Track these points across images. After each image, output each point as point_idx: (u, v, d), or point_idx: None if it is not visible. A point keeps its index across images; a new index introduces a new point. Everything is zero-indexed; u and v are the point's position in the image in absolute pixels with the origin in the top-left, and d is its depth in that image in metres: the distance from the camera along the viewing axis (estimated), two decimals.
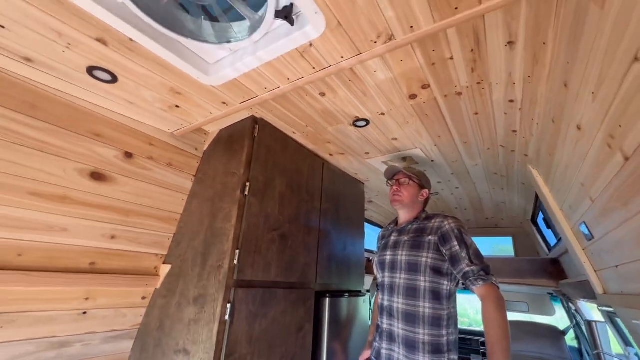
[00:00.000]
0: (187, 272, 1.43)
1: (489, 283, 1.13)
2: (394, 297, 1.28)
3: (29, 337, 1.15)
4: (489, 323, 1.08)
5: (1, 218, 1.06)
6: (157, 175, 1.49)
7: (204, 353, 1.19)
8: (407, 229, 1.40)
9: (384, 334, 1.30)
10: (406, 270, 1.27)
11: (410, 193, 1.44)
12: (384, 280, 1.36)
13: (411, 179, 1.46)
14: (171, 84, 1.13)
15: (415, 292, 1.23)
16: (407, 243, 1.32)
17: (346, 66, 0.99)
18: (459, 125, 1.57)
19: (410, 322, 1.21)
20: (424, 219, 1.40)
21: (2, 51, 0.96)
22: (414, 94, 1.32)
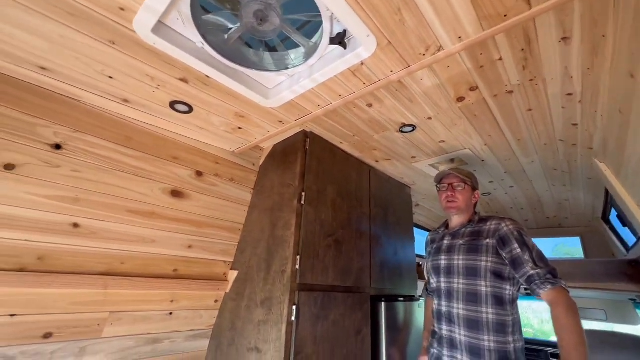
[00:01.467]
0: (253, 277, 1.56)
1: (558, 287, 1.08)
2: (452, 303, 1.26)
3: (130, 333, 1.36)
4: (562, 329, 1.02)
5: (108, 232, 1.28)
6: (222, 190, 1.66)
7: (275, 351, 1.30)
8: (462, 232, 1.36)
9: (444, 340, 1.27)
10: (464, 275, 1.25)
11: (465, 197, 1.40)
12: (439, 286, 1.34)
13: (465, 182, 1.42)
14: (236, 109, 1.28)
15: (476, 297, 1.20)
16: (463, 247, 1.29)
17: (395, 79, 1.05)
18: (511, 123, 1.53)
19: (474, 329, 1.18)
20: (478, 221, 1.36)
21: (108, 96, 1.18)
22: (462, 97, 1.33)
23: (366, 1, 0.77)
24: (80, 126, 1.19)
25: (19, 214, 1.08)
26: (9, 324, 1.07)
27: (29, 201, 1.09)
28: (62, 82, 1.09)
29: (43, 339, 1.14)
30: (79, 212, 1.20)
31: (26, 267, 1.09)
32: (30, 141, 1.09)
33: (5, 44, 0.92)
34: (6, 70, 1.02)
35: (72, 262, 1.20)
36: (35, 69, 1.02)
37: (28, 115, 1.08)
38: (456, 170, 1.45)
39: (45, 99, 1.11)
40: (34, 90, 1.09)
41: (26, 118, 1.08)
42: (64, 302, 1.18)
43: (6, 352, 1.07)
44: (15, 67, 1.01)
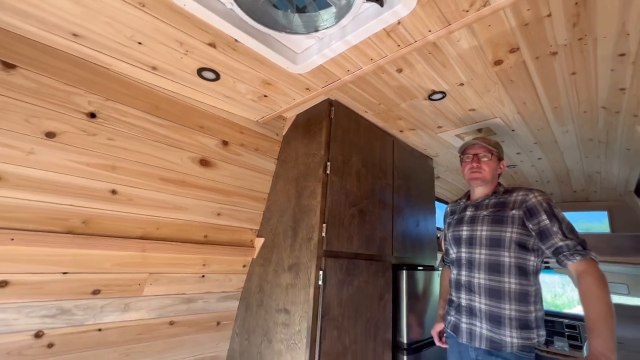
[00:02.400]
0: (280, 243, 1.61)
1: (589, 258, 1.06)
2: (474, 273, 1.27)
3: (168, 293, 1.45)
4: (591, 299, 1.01)
5: (143, 199, 1.33)
6: (248, 160, 1.68)
7: (303, 312, 1.37)
8: (485, 203, 1.35)
9: (462, 308, 1.29)
10: (487, 246, 1.25)
11: (491, 168, 1.35)
12: (460, 256, 1.34)
13: (491, 152, 1.37)
14: (263, 76, 1.26)
15: (499, 267, 1.21)
16: (487, 218, 1.28)
17: (432, 39, 0.99)
18: (550, 89, 1.44)
19: (495, 298, 1.19)
20: (503, 192, 1.33)
21: (137, 63, 1.17)
22: (500, 60, 1.25)
23: None
24: (112, 95, 1.21)
25: (63, 180, 1.13)
26: (62, 280, 1.17)
27: (71, 168, 1.14)
28: (93, 49, 1.09)
29: (92, 295, 1.24)
30: (116, 179, 1.25)
31: (73, 229, 1.17)
32: (67, 109, 1.12)
33: (38, 9, 0.92)
34: (39, 37, 1.02)
35: (113, 226, 1.27)
36: (67, 36, 1.02)
37: (63, 83, 1.10)
38: (482, 140, 1.40)
39: (77, 67, 1.12)
40: (67, 57, 1.10)
41: (61, 86, 1.10)
42: (108, 263, 1.26)
43: (62, 305, 1.18)
44: (48, 34, 1.01)
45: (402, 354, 1.70)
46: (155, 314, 1.43)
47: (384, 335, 1.67)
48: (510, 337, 1.13)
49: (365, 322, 1.56)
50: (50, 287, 1.14)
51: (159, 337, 1.45)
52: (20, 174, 1.04)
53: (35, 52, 1.03)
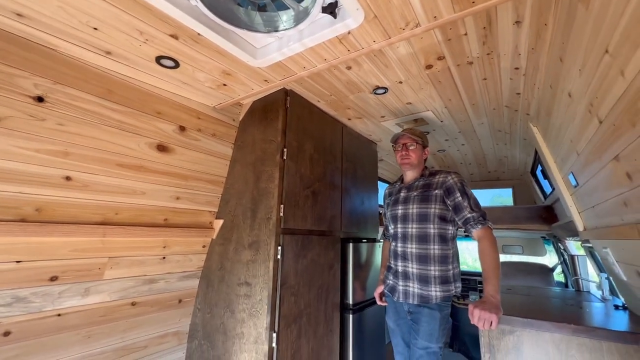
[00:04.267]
0: (239, 224, 1.73)
1: (486, 226, 1.37)
2: (407, 244, 1.51)
3: (129, 275, 1.49)
4: (485, 256, 1.31)
5: (100, 185, 1.33)
6: (205, 145, 1.73)
7: (264, 283, 1.54)
8: (415, 185, 1.58)
9: (399, 274, 1.53)
10: (417, 221, 1.49)
11: (417, 155, 1.59)
12: (397, 231, 1.58)
13: (417, 142, 1.59)
14: (223, 67, 1.32)
15: (426, 238, 1.46)
16: (417, 197, 1.53)
17: (376, 48, 1.17)
18: (468, 90, 1.75)
19: (423, 263, 1.45)
20: (428, 175, 1.58)
21: (88, 47, 1.14)
22: (430, 65, 1.49)
23: None
24: (60, 78, 1.16)
25: (11, 167, 1.09)
26: (16, 269, 1.15)
27: (19, 154, 1.10)
28: (39, 30, 1.04)
29: (49, 281, 1.24)
30: (70, 165, 1.23)
31: (26, 217, 1.14)
32: (11, 93, 1.06)
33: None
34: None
35: (69, 212, 1.25)
36: (10, 15, 0.96)
37: (5, 65, 1.03)
38: (409, 131, 1.61)
39: (21, 48, 1.06)
40: (9, 37, 1.03)
41: (3, 68, 1.03)
42: (65, 250, 1.26)
43: (17, 293, 1.17)
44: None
45: (348, 313, 2.00)
46: (116, 296, 1.46)
47: (334, 299, 1.93)
48: (435, 291, 1.41)
49: (317, 288, 1.80)
50: (3, 277, 1.12)
51: (121, 317, 1.50)
52: None
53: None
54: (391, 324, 1.62)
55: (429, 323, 1.41)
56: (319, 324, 1.79)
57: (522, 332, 1.48)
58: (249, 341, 1.54)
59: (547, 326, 1.41)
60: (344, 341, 1.98)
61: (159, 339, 1.68)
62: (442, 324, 1.42)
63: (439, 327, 1.41)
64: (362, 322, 2.09)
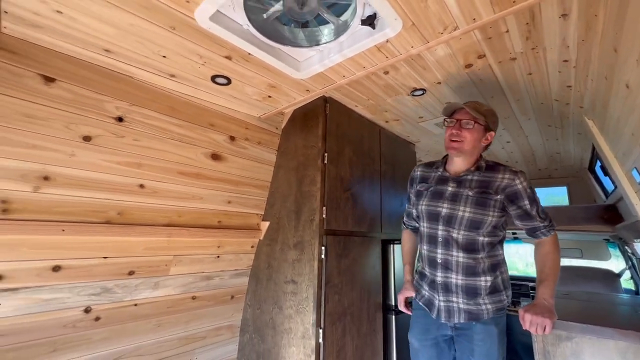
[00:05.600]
0: (284, 225, 1.84)
1: (555, 232, 1.25)
2: (451, 251, 1.24)
3: (190, 271, 1.67)
4: (546, 259, 1.20)
5: (166, 191, 1.51)
6: (252, 152, 1.87)
7: (309, 281, 1.62)
8: (468, 179, 1.26)
9: (437, 285, 1.27)
10: (467, 227, 1.22)
11: (473, 138, 1.22)
12: (436, 233, 1.28)
13: (477, 121, 1.23)
14: (269, 81, 1.43)
15: (474, 245, 1.22)
16: (472, 199, 1.22)
17: (414, 53, 1.20)
18: (512, 86, 1.70)
19: (471, 274, 1.21)
20: (486, 169, 1.26)
21: (158, 72, 1.32)
22: (470, 64, 1.48)
23: None
24: (135, 100, 1.35)
25: (99, 178, 1.30)
26: (104, 264, 1.35)
27: (105, 167, 1.30)
28: (120, 61, 1.23)
29: (128, 275, 1.44)
30: (143, 175, 1.42)
31: (111, 220, 1.34)
32: (99, 115, 1.26)
33: (79, 31, 1.05)
34: (75, 53, 1.16)
35: (142, 216, 1.45)
36: (100, 52, 1.16)
37: (94, 92, 1.24)
38: (472, 105, 1.25)
39: (106, 77, 1.26)
40: (97, 69, 1.24)
41: (93, 95, 1.24)
42: (140, 248, 1.45)
43: (105, 284, 1.37)
44: (83, 50, 1.15)
45: (391, 314, 2.01)
46: (179, 290, 1.64)
47: (376, 299, 1.96)
48: (485, 304, 1.20)
49: (360, 288, 1.84)
50: (94, 270, 1.33)
51: (184, 309, 1.67)
52: (66, 174, 1.20)
53: (70, 66, 1.17)
54: (415, 343, 1.37)
55: (485, 341, 1.21)
56: (362, 323, 1.83)
57: (581, 339, 1.39)
58: (296, 336, 1.63)
59: (611, 333, 1.32)
60: (387, 342, 1.99)
61: (215, 331, 1.84)
62: (501, 339, 1.24)
63: (498, 344, 1.22)
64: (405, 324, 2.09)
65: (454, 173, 1.32)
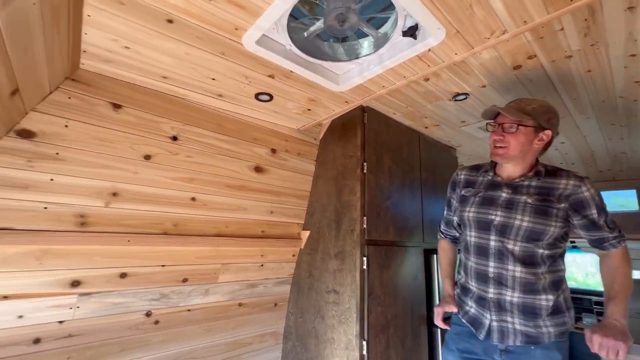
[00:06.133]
0: (325, 235, 1.86)
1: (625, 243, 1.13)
2: (506, 265, 1.13)
3: (236, 279, 1.75)
4: (616, 273, 1.09)
5: (215, 203, 1.61)
6: (292, 164, 1.92)
7: (351, 292, 1.62)
8: (525, 185, 1.15)
9: (489, 303, 1.16)
10: (525, 238, 1.10)
11: (519, 142, 1.11)
12: (487, 244, 1.17)
13: (521, 123, 1.11)
14: (309, 95, 1.47)
15: (533, 259, 1.11)
16: (532, 208, 1.10)
17: (458, 60, 1.17)
18: (567, 84, 1.57)
19: (530, 291, 1.10)
20: (546, 174, 1.14)
21: (207, 93, 1.42)
22: (519, 65, 1.40)
23: (441, 1, 0.90)
24: (188, 120, 1.47)
25: (157, 192, 1.42)
26: (161, 272, 1.47)
27: (162, 182, 1.42)
28: (175, 86, 1.34)
29: (182, 282, 1.54)
30: (194, 188, 1.53)
31: (167, 231, 1.46)
32: (157, 135, 1.39)
33: (142, 62, 1.17)
34: (138, 81, 1.29)
35: (194, 227, 1.55)
36: (158, 78, 1.28)
37: (153, 115, 1.37)
38: (514, 106, 1.15)
39: (162, 100, 1.39)
40: (155, 94, 1.36)
41: (153, 117, 1.36)
42: (192, 257, 1.55)
43: (162, 290, 1.49)
44: (144, 78, 1.27)
45: (436, 328, 1.93)
46: (227, 297, 1.72)
47: (419, 311, 1.90)
48: (546, 327, 1.09)
49: (402, 299, 1.80)
50: (154, 277, 1.44)
51: (232, 316, 1.75)
52: (130, 190, 1.33)
53: (134, 92, 1.30)
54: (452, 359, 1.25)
55: None
56: (406, 336, 1.78)
57: None
58: (339, 347, 1.63)
59: None
60: (433, 356, 1.91)
61: (259, 337, 1.90)
62: None
63: None
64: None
65: (507, 178, 1.20)
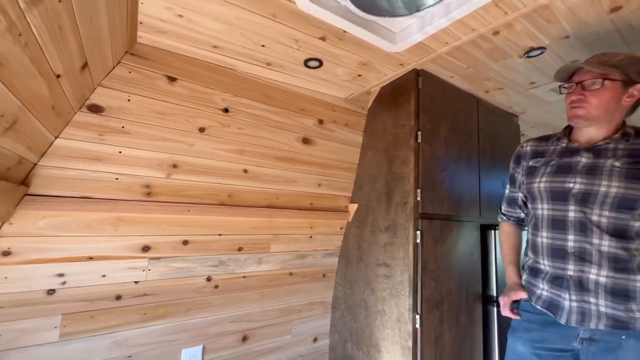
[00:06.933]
0: (374, 208, 1.81)
1: None
2: (590, 238, 1.00)
3: (287, 250, 1.79)
4: None
5: (266, 175, 1.62)
6: (339, 135, 1.86)
7: (404, 266, 1.57)
8: (611, 148, 1.01)
9: (567, 281, 1.03)
10: (615, 207, 0.97)
11: (605, 100, 0.98)
12: (564, 215, 1.05)
13: (606, 77, 0.96)
14: (361, 59, 1.37)
15: (626, 232, 0.97)
16: (619, 170, 0.96)
17: (544, 2, 0.98)
18: None
19: (622, 270, 0.96)
20: (636, 135, 1.00)
21: (256, 62, 1.39)
22: (619, 6, 1.15)
23: None
24: (238, 91, 1.46)
25: (212, 164, 1.45)
26: (219, 240, 1.54)
27: (216, 154, 1.45)
28: (225, 55, 1.32)
29: (237, 251, 1.61)
30: (246, 160, 1.54)
31: (223, 202, 1.51)
32: (210, 107, 1.40)
33: (194, 31, 1.16)
34: (190, 52, 1.29)
35: (247, 198, 1.59)
36: (210, 48, 1.26)
37: (205, 87, 1.37)
38: (595, 59, 1.01)
39: (212, 71, 1.38)
40: (206, 65, 1.36)
41: (205, 90, 1.37)
42: (246, 227, 1.60)
43: (220, 258, 1.57)
44: (196, 49, 1.27)
45: (492, 306, 1.83)
46: (279, 267, 1.78)
47: (475, 289, 1.81)
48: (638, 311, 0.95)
49: (457, 276, 1.72)
50: (212, 245, 1.52)
51: (283, 284, 1.81)
52: (188, 162, 1.38)
53: (187, 65, 1.31)
54: (523, 351, 1.12)
55: None
56: (460, 312, 1.71)
57: None
58: (391, 319, 1.62)
59: None
60: (488, 336, 1.83)
61: (309, 306, 1.96)
62: None
63: None
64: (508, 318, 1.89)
65: (587, 143, 1.06)
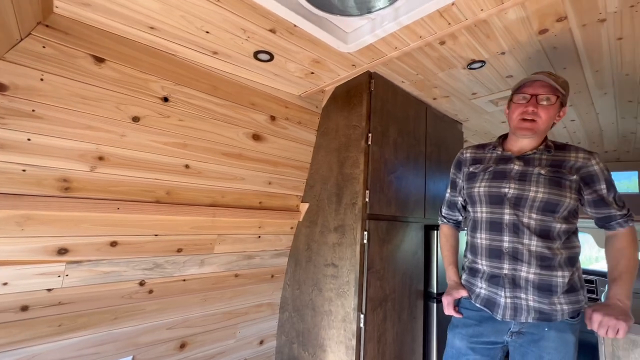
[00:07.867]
0: (324, 208, 1.80)
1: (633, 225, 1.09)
2: (522, 239, 1.08)
3: (233, 250, 1.70)
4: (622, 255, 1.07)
5: (210, 172, 1.52)
6: (292, 133, 1.81)
7: (351, 266, 1.59)
8: (537, 158, 1.13)
9: (502, 279, 1.11)
10: (540, 210, 1.07)
11: (550, 116, 1.07)
12: (500, 217, 1.13)
13: (557, 95, 1.06)
14: (314, 56, 1.34)
15: (549, 232, 1.08)
16: (545, 178, 1.08)
17: (484, 17, 1.04)
18: (593, 54, 1.45)
19: (547, 267, 1.06)
20: (555, 148, 1.14)
21: (200, 49, 1.28)
22: (545, 29, 1.27)
23: None
24: (179, 79, 1.34)
25: (148, 158, 1.32)
26: (155, 241, 1.41)
27: (153, 147, 1.32)
28: (164, 39, 1.20)
29: (177, 252, 1.49)
30: (188, 155, 1.43)
31: (160, 199, 1.38)
32: (146, 95, 1.26)
33: (126, 8, 1.03)
34: (122, 32, 1.14)
35: (188, 196, 1.47)
36: (145, 29, 1.13)
37: (141, 72, 1.23)
38: (550, 76, 1.08)
39: (150, 56, 1.25)
40: (143, 48, 1.22)
41: (140, 75, 1.23)
42: (187, 227, 1.49)
43: (156, 260, 1.43)
44: (129, 29, 1.13)
45: (432, 302, 1.94)
46: (224, 268, 1.69)
47: (417, 286, 1.89)
48: (560, 304, 1.06)
49: (401, 274, 1.78)
50: (146, 247, 1.38)
51: (228, 286, 1.72)
52: (118, 154, 1.23)
53: (118, 45, 1.16)
54: (460, 345, 1.19)
55: (559, 351, 1.06)
56: (403, 309, 1.78)
57: None
58: (336, 319, 1.62)
59: None
60: (428, 329, 1.94)
61: (256, 308, 1.89)
62: (576, 351, 1.09)
63: (573, 356, 1.07)
64: None
65: (518, 152, 1.18)
